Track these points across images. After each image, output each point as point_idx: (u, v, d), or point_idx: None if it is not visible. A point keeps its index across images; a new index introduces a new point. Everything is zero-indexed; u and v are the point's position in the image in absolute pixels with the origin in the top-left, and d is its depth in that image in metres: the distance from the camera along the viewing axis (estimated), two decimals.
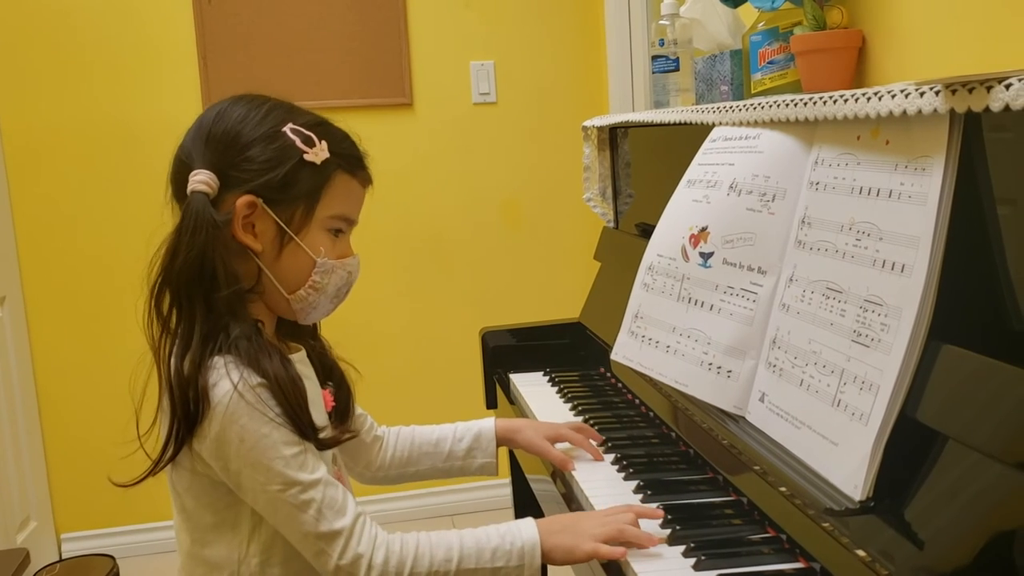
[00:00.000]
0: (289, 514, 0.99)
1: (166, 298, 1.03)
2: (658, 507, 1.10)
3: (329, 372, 1.19)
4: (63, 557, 2.67)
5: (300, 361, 1.12)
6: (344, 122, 1.13)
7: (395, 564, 1.00)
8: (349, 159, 1.09)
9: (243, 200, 1.02)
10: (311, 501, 0.98)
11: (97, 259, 2.61)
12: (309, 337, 1.18)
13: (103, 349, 2.62)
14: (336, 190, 1.07)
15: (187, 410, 0.98)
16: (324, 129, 1.08)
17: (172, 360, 1.02)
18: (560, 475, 1.30)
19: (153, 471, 1.03)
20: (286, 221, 1.04)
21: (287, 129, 1.04)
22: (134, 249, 1.05)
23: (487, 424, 1.36)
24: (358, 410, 1.28)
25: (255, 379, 0.99)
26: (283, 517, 1.00)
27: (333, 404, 1.16)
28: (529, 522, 1.06)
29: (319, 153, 1.04)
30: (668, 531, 1.05)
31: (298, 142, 1.04)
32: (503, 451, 1.39)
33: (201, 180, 1.02)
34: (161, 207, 1.06)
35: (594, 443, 1.33)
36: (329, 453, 1.12)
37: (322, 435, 1.04)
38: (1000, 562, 0.72)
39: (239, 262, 1.04)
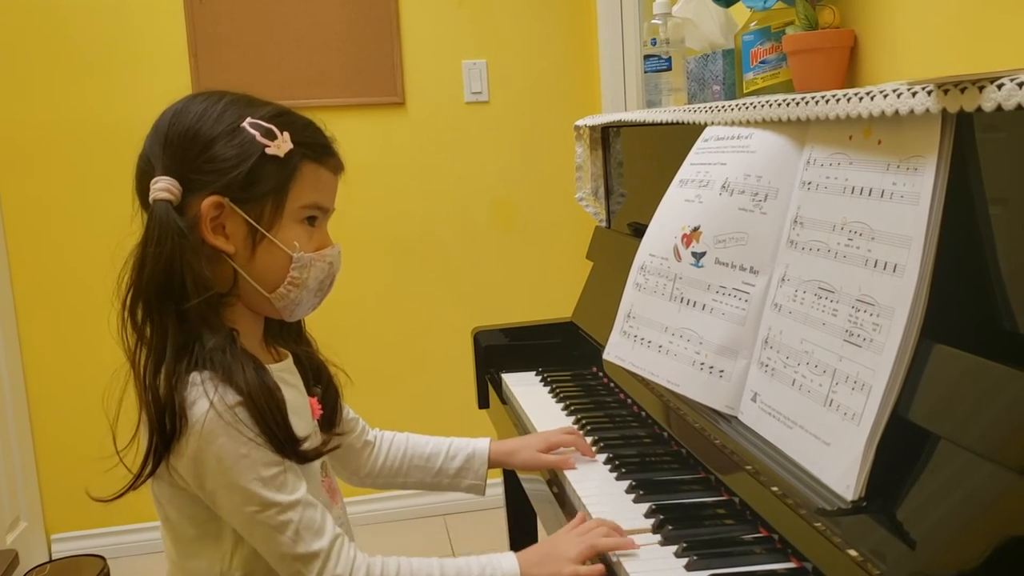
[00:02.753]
0: (266, 535, 0.97)
1: (140, 310, 1.00)
2: (651, 507, 1.10)
3: (317, 373, 1.17)
4: (53, 558, 2.66)
5: (287, 369, 1.11)
6: (336, 121, 1.11)
7: None
8: (314, 147, 1.05)
9: (208, 202, 0.99)
10: (288, 523, 0.97)
11: (87, 260, 2.60)
12: (295, 337, 1.16)
13: (93, 349, 2.61)
14: (304, 181, 1.03)
15: (164, 427, 0.96)
16: (285, 119, 1.04)
17: (147, 374, 0.99)
18: (553, 476, 1.30)
19: (133, 486, 1.01)
20: (256, 218, 1.01)
21: (246, 124, 1.01)
22: (124, 251, 1.03)
23: (481, 446, 1.34)
24: (350, 414, 1.27)
25: (232, 398, 0.96)
26: (260, 538, 0.98)
27: (321, 412, 1.14)
28: (510, 556, 1.05)
29: (281, 145, 1.01)
30: (659, 531, 1.05)
31: (258, 136, 1.00)
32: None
33: (162, 188, 0.99)
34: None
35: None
36: (318, 460, 1.10)
37: (305, 445, 1.02)
38: (991, 561, 0.72)
39: (213, 266, 1.01)
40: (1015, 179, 0.80)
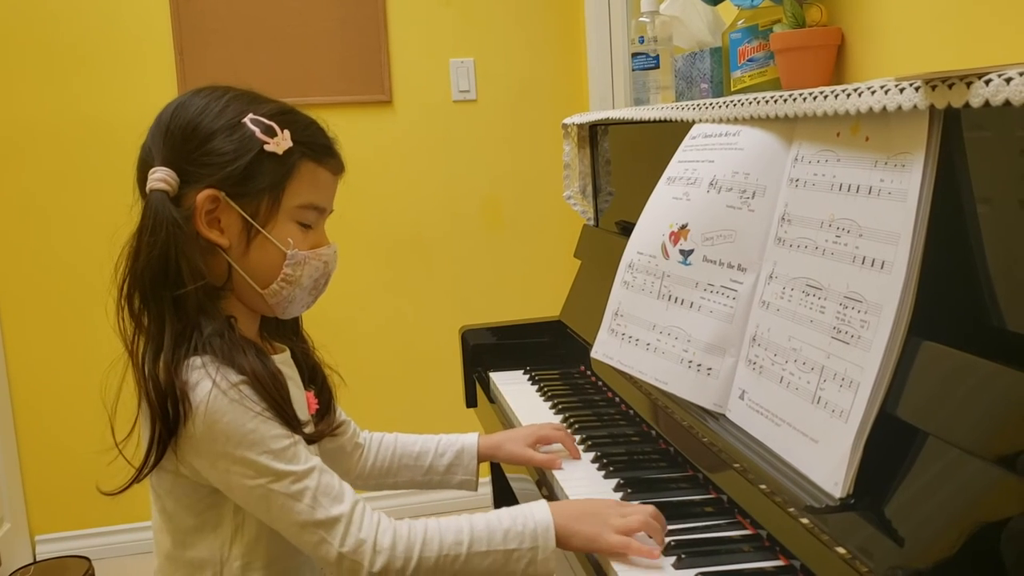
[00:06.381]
0: (284, 505, 0.96)
1: (136, 299, 1.01)
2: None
3: (312, 373, 1.17)
4: (37, 559, 2.64)
5: (284, 362, 1.11)
6: (323, 119, 1.10)
7: (403, 549, 0.97)
8: (314, 147, 1.06)
9: (204, 195, 1.00)
10: (305, 490, 0.96)
11: (73, 257, 2.58)
12: (292, 335, 1.17)
13: (79, 348, 2.59)
14: (302, 180, 1.04)
15: (167, 414, 0.96)
16: (287, 117, 1.05)
17: (146, 363, 0.99)
18: (541, 476, 1.29)
19: (138, 478, 1.01)
20: (252, 214, 1.02)
21: (247, 120, 1.01)
22: (111, 248, 1.03)
23: (470, 441, 1.33)
24: (342, 416, 1.26)
25: (234, 376, 0.97)
26: (277, 510, 0.97)
27: (316, 407, 1.14)
28: (542, 504, 1.04)
29: (281, 143, 1.01)
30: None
31: (258, 132, 1.01)
32: None
33: (159, 178, 1.00)
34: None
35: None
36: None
37: (306, 430, 1.02)
38: (979, 557, 0.72)
39: (208, 259, 1.02)
40: (1002, 175, 0.80)
